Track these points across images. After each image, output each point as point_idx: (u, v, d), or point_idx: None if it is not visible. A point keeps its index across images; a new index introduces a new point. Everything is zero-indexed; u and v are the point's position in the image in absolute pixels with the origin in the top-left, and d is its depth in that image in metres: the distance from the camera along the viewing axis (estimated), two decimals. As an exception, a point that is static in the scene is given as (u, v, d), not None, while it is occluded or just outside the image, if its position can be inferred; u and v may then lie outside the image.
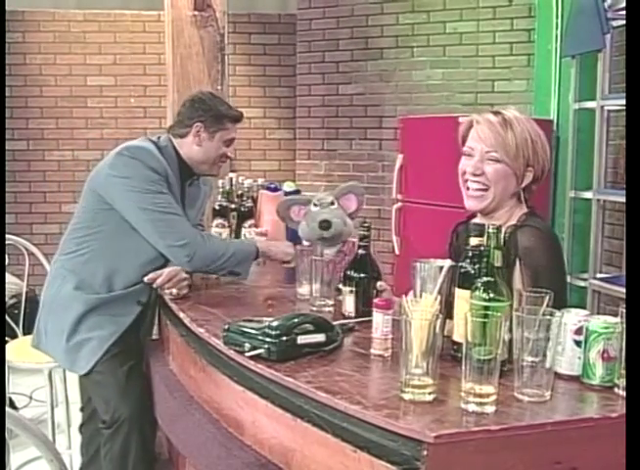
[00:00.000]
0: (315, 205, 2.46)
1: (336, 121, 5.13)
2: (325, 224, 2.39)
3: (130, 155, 2.29)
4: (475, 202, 1.81)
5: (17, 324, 3.36)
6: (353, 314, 1.85)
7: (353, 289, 1.86)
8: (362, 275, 1.87)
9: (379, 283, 1.88)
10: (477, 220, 1.85)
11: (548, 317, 1.32)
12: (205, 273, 2.38)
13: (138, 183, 2.26)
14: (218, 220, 2.87)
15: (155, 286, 2.24)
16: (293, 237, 2.84)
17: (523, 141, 1.77)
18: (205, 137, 2.38)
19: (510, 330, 1.36)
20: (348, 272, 1.88)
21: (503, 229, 1.54)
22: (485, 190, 1.79)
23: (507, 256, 1.46)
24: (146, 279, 2.25)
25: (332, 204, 2.45)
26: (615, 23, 3.32)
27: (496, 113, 1.82)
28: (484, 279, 1.40)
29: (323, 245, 2.40)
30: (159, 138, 2.44)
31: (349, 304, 1.86)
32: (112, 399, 2.30)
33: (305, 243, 2.52)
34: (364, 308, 1.81)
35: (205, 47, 4.09)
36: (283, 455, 1.46)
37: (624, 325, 1.33)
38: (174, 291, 2.19)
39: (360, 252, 1.90)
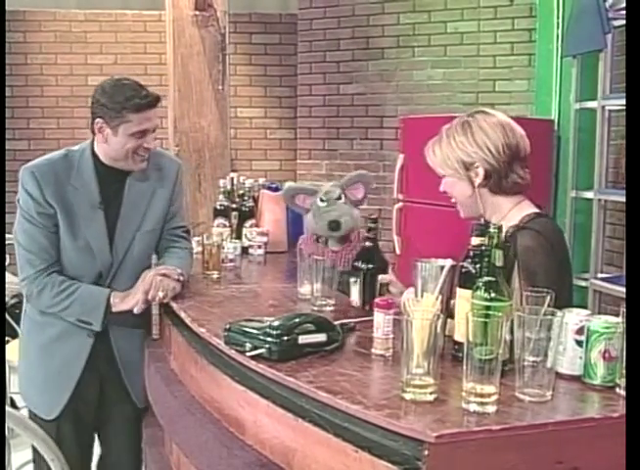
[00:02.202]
0: (322, 200, 2.42)
1: (337, 121, 5.13)
2: (334, 225, 2.36)
3: (21, 178, 2.20)
4: (460, 213, 1.94)
5: (17, 324, 3.35)
6: (359, 305, 1.86)
7: (360, 279, 1.87)
8: (369, 266, 1.89)
9: (380, 276, 1.90)
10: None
11: (549, 317, 1.32)
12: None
13: (20, 213, 2.20)
14: (219, 220, 2.88)
15: (151, 302, 2.17)
16: (294, 230, 2.86)
17: (447, 149, 1.89)
18: (108, 133, 2.13)
19: (511, 330, 1.36)
20: (356, 263, 1.90)
21: (504, 229, 1.55)
22: (456, 203, 1.94)
23: (507, 256, 1.46)
24: (136, 311, 2.16)
25: (339, 198, 2.42)
26: (616, 23, 3.32)
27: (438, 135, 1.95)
28: (486, 279, 1.40)
29: (331, 240, 2.42)
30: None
31: (355, 294, 1.87)
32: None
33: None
34: (371, 299, 1.81)
35: (206, 47, 4.10)
36: (284, 455, 1.46)
37: (625, 325, 1.33)
38: (160, 294, 2.14)
39: (367, 244, 1.92)
